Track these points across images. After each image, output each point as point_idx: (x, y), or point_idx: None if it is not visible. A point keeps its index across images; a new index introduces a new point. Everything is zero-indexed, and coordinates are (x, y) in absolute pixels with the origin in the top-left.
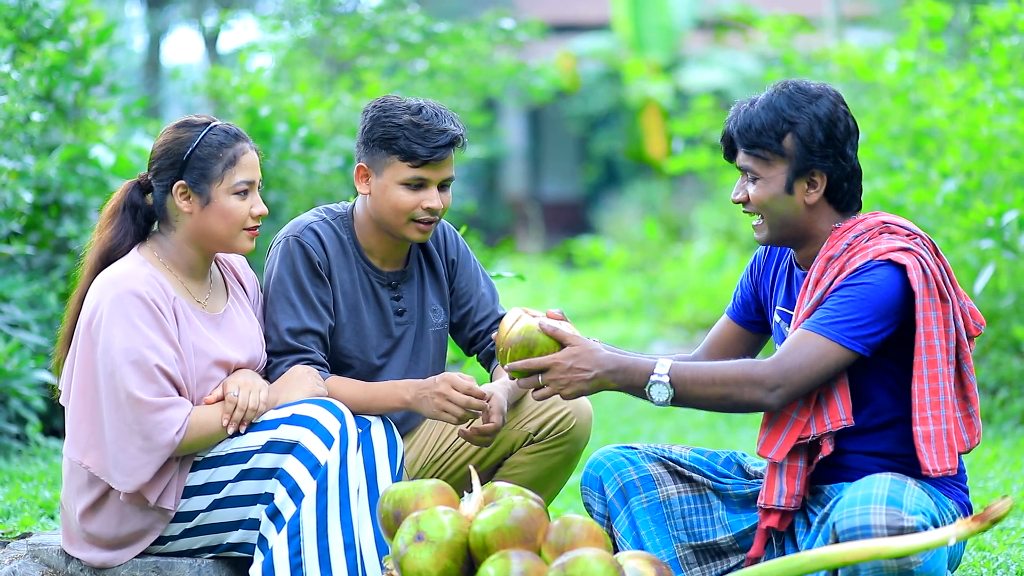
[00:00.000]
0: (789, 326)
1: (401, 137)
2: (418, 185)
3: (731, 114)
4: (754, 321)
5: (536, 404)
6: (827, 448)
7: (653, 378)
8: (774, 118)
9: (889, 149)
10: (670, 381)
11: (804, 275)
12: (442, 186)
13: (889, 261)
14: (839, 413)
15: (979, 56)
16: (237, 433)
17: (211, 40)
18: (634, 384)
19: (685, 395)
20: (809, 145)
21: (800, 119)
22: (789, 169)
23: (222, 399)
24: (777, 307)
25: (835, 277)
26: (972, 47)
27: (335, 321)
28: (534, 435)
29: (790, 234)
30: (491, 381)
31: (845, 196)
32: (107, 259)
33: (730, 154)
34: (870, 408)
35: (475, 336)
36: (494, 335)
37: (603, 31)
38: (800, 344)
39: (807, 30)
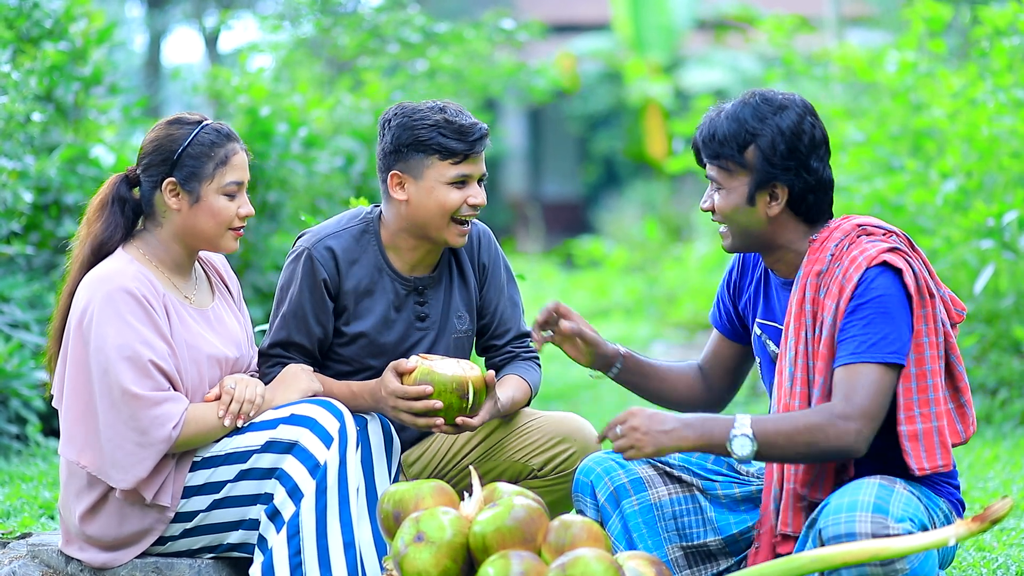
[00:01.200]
0: (771, 340)
1: (437, 136)
2: (461, 182)
3: (700, 122)
4: (741, 334)
5: (544, 438)
6: (851, 471)
7: (734, 431)
8: (736, 129)
9: (889, 149)
10: (753, 433)
11: (783, 283)
12: (479, 182)
13: (884, 264)
14: None
15: (979, 56)
16: (236, 431)
17: (211, 40)
18: (713, 437)
19: (769, 446)
20: (770, 158)
21: (763, 131)
22: (751, 180)
23: (219, 398)
24: (757, 319)
25: (838, 299)
26: (972, 47)
27: (350, 330)
28: (538, 471)
29: (755, 244)
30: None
31: (810, 209)
32: (98, 253)
33: (700, 161)
34: None
35: (488, 347)
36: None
37: (603, 31)
38: (856, 378)
39: (807, 30)
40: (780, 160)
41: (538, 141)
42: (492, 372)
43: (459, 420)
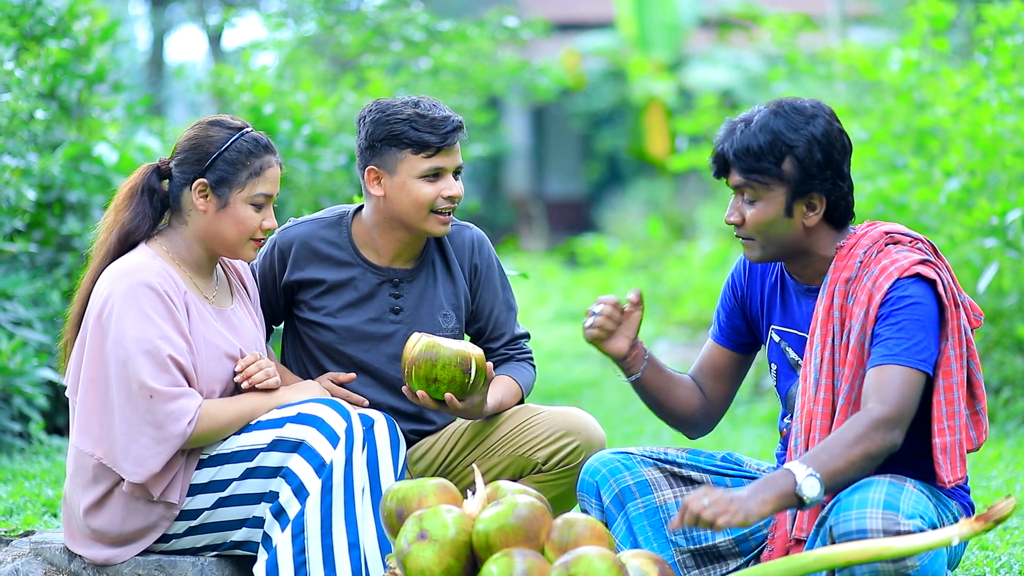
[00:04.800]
0: (790, 346)
1: (409, 130)
2: (435, 175)
3: (723, 134)
4: (746, 343)
5: (548, 432)
6: None
7: (798, 477)
8: (772, 140)
9: (893, 148)
10: (814, 471)
11: (805, 289)
12: (455, 174)
13: (918, 276)
14: None
15: (983, 55)
16: (243, 429)
17: (215, 38)
18: (783, 490)
19: (832, 475)
20: (808, 168)
21: (799, 142)
22: (788, 192)
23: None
24: (773, 326)
25: (867, 307)
26: (976, 46)
27: (314, 317)
28: (543, 465)
29: (785, 253)
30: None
31: (843, 215)
32: (124, 241)
33: (722, 172)
34: None
35: (484, 350)
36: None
37: (607, 29)
38: (888, 378)
39: (811, 29)
40: (817, 170)
41: (541, 139)
42: (490, 364)
43: (446, 396)
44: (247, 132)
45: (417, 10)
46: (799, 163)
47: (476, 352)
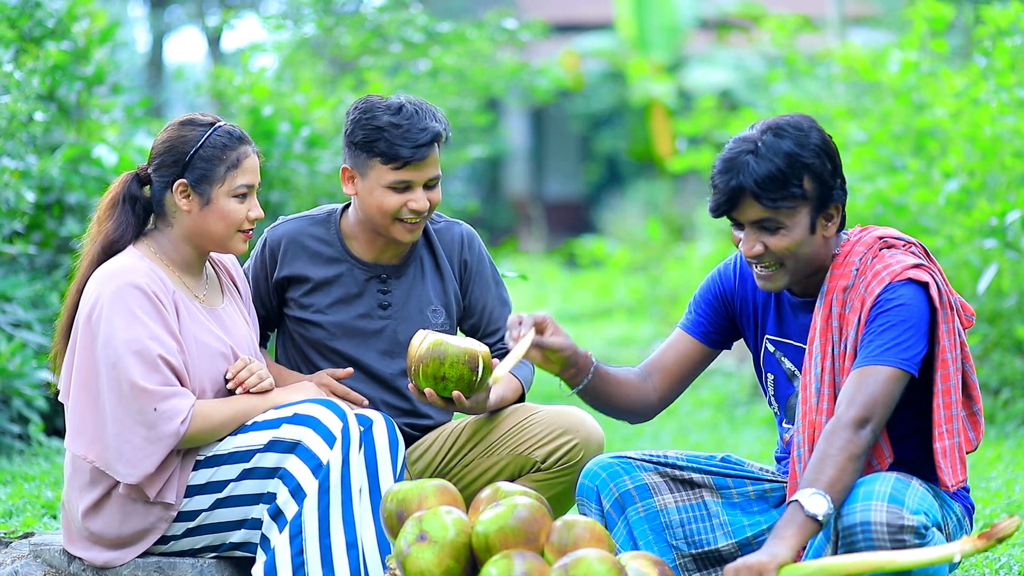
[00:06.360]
0: (785, 357)
1: (381, 140)
2: (403, 187)
3: (728, 168)
4: (720, 340)
5: (546, 431)
6: None
7: (805, 503)
8: (791, 163)
9: (892, 149)
10: (819, 490)
11: (800, 302)
12: (428, 185)
13: (910, 280)
14: (884, 451)
15: (982, 56)
16: (239, 430)
17: (214, 40)
18: (799, 521)
19: (832, 487)
20: (825, 180)
21: (811, 157)
22: (811, 209)
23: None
24: (767, 336)
25: (860, 313)
26: (975, 47)
27: (304, 314)
28: (541, 463)
29: (808, 271)
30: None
31: (845, 216)
32: (108, 250)
33: (732, 209)
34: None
35: None
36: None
37: (606, 31)
38: (864, 379)
39: (810, 30)
40: (831, 179)
41: (540, 141)
42: (496, 360)
43: (454, 394)
44: (220, 126)
45: (416, 12)
46: (817, 178)
47: (483, 349)
